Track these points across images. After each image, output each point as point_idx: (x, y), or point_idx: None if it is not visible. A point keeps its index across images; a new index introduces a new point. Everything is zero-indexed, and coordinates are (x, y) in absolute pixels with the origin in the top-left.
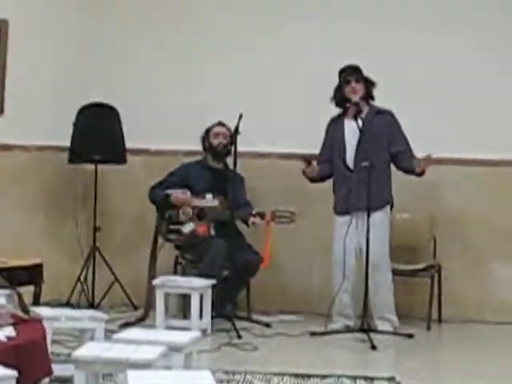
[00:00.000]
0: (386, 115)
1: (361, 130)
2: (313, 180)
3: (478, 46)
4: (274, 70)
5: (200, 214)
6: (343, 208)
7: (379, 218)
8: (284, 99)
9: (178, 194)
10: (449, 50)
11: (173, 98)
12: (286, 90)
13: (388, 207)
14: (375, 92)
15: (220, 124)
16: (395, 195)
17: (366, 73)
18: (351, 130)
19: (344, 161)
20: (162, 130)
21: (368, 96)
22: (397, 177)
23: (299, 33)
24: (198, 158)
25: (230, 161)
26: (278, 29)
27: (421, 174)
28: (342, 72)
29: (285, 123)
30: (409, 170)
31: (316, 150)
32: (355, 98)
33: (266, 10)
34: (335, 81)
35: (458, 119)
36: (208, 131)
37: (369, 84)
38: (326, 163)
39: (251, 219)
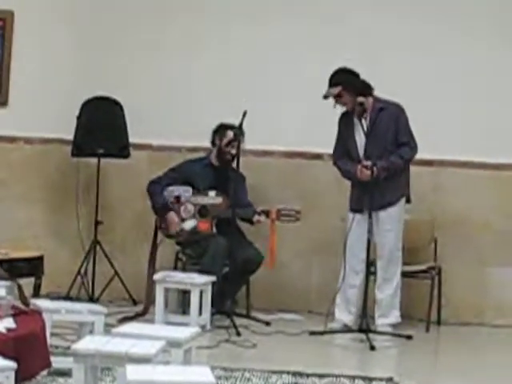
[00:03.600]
0: (392, 109)
1: (365, 133)
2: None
3: (480, 48)
4: (277, 67)
5: (202, 211)
6: (356, 206)
7: (393, 213)
8: (287, 97)
9: (170, 217)
10: (450, 52)
11: (177, 94)
12: (289, 88)
13: (402, 200)
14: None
15: (236, 133)
16: None
17: (368, 73)
18: (360, 128)
19: (357, 159)
20: (166, 125)
21: (362, 93)
22: None
23: (303, 31)
24: (202, 154)
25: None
26: (281, 27)
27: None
28: (325, 96)
29: (288, 121)
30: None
31: (319, 149)
32: (348, 108)
33: (274, 16)
34: None
35: (461, 122)
36: (222, 132)
37: (352, 87)
38: (343, 158)
39: (256, 217)
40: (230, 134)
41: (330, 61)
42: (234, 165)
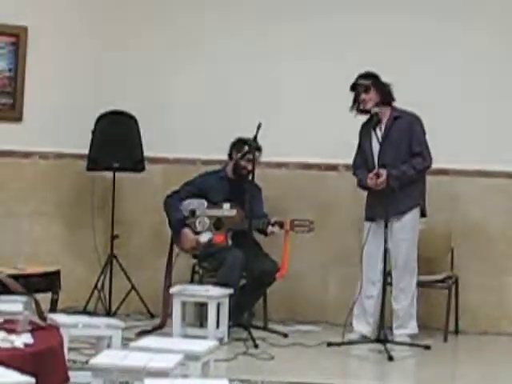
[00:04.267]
0: (407, 118)
1: (380, 142)
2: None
3: (498, 53)
4: (291, 79)
5: (217, 224)
6: (370, 214)
7: (406, 222)
8: (302, 108)
9: (186, 234)
10: (470, 58)
11: (191, 107)
12: (303, 100)
13: (416, 210)
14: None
15: (259, 150)
16: None
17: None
18: (376, 138)
19: (372, 168)
20: (181, 138)
21: (384, 100)
22: None
23: (317, 43)
24: (216, 167)
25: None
26: (296, 39)
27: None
28: (353, 86)
29: (302, 133)
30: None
31: (334, 160)
32: (368, 106)
33: (282, 20)
34: (351, 93)
35: (478, 131)
36: (239, 146)
37: (382, 88)
38: (362, 168)
39: (270, 228)
40: (251, 149)
41: (345, 73)
42: (250, 176)
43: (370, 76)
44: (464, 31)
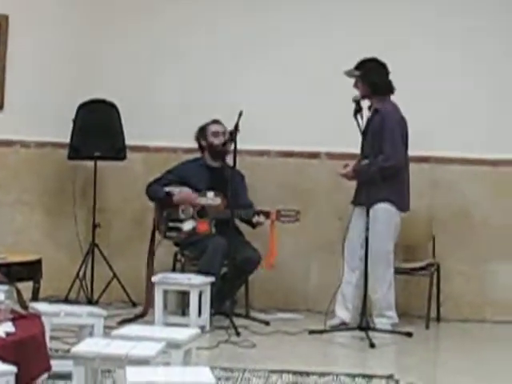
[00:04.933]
0: (382, 113)
1: (361, 131)
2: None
3: (480, 43)
4: (273, 67)
5: (201, 212)
6: (354, 199)
7: (379, 212)
8: (283, 97)
9: (183, 193)
10: (449, 47)
11: (173, 96)
12: (285, 88)
13: (388, 205)
14: None
15: (216, 122)
16: None
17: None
18: (359, 128)
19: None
20: (162, 127)
21: (375, 91)
22: None
23: (300, 31)
24: (197, 155)
25: (228, 159)
26: (278, 27)
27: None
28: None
29: (283, 121)
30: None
31: (316, 148)
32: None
33: (268, 9)
34: (334, 79)
35: (457, 118)
36: (204, 130)
37: (369, 80)
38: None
39: (256, 218)
40: (210, 127)
41: (328, 59)
42: (231, 163)
43: (359, 67)
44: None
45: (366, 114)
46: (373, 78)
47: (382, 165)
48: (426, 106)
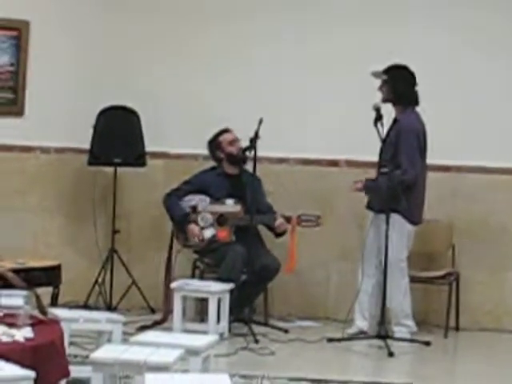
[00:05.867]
0: (400, 124)
1: (381, 139)
2: None
3: (503, 54)
4: (293, 74)
5: (221, 220)
6: (368, 204)
7: (392, 220)
8: (303, 104)
9: (191, 228)
10: (473, 57)
11: (194, 103)
12: (305, 96)
13: (401, 216)
14: None
15: (227, 131)
16: None
17: None
18: (379, 135)
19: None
20: (183, 133)
21: (395, 100)
22: None
23: (318, 41)
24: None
25: (246, 165)
26: (298, 37)
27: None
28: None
29: (303, 128)
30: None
31: (335, 155)
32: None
33: (287, 20)
34: (355, 87)
35: (477, 127)
36: (217, 142)
37: (395, 87)
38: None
39: (278, 221)
40: (225, 137)
41: (346, 69)
42: (250, 169)
43: (390, 72)
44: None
45: (387, 121)
46: (399, 85)
47: (401, 178)
48: (447, 115)
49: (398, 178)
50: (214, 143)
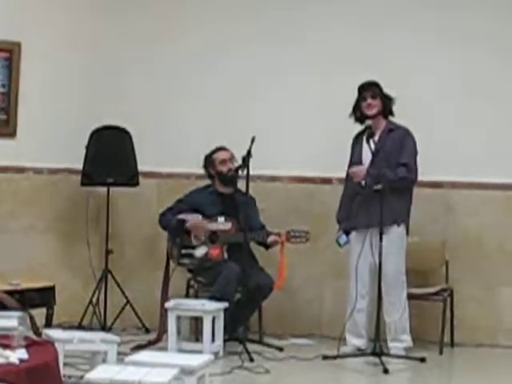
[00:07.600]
0: (400, 131)
1: (373, 153)
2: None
3: (499, 67)
4: (285, 93)
5: (213, 238)
6: (349, 225)
7: (394, 235)
8: (295, 122)
9: (193, 220)
10: (468, 72)
11: (186, 122)
12: (296, 114)
13: (402, 225)
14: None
15: (222, 149)
16: None
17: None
18: (368, 150)
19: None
20: (175, 153)
21: (385, 111)
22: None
23: (310, 56)
24: (208, 182)
25: (239, 183)
26: (288, 52)
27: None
28: (360, 88)
29: (295, 146)
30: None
31: (327, 173)
32: (373, 112)
33: (281, 35)
34: (345, 105)
35: (471, 143)
36: (211, 159)
37: (386, 99)
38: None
39: (271, 238)
40: (218, 156)
41: (337, 86)
42: (243, 189)
43: (377, 85)
44: (464, 48)
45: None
46: (387, 97)
47: (405, 175)
48: (439, 130)
49: (403, 173)
50: (209, 159)
